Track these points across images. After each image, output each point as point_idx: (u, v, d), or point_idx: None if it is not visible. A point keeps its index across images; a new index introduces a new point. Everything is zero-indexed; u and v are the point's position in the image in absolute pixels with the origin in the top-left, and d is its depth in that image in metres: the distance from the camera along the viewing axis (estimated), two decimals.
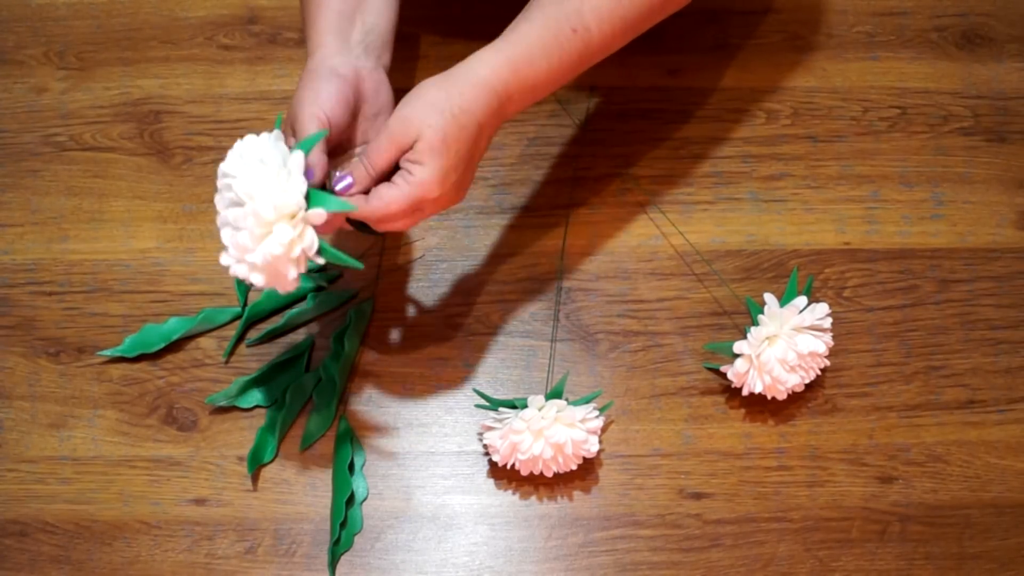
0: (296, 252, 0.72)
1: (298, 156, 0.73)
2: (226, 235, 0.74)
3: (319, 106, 0.77)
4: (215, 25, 1.04)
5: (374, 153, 0.76)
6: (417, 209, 0.77)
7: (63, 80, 1.01)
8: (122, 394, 0.90)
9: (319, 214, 0.73)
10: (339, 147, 0.80)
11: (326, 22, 0.82)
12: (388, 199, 0.76)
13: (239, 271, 0.74)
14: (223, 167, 0.73)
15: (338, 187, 0.76)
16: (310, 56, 0.81)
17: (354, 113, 0.80)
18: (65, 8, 1.05)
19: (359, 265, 0.75)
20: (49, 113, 1.00)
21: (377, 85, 0.82)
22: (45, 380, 0.91)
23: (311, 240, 0.73)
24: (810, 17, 1.05)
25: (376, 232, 0.79)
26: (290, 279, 0.74)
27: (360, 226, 0.78)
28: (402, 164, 0.76)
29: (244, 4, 1.05)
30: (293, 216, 0.72)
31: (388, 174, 0.77)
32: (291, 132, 0.79)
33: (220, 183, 0.74)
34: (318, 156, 0.75)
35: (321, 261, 0.74)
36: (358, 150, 0.82)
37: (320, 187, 0.76)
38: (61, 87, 1.01)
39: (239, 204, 0.73)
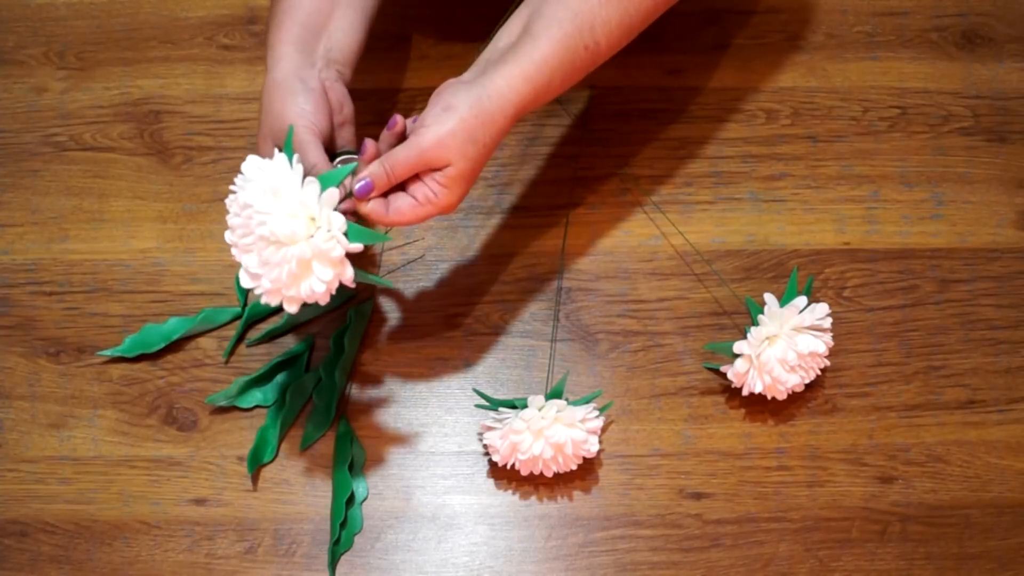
0: (335, 285, 0.75)
1: (331, 194, 0.73)
2: (250, 261, 0.75)
3: (310, 120, 0.78)
4: (215, 25, 1.04)
5: (400, 164, 0.77)
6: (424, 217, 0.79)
7: (63, 80, 1.01)
8: (122, 394, 0.90)
9: (356, 248, 0.74)
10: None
11: (290, 34, 0.82)
12: (409, 215, 0.78)
13: (272, 301, 0.76)
14: (249, 199, 0.74)
15: (357, 188, 0.77)
16: (272, 67, 0.81)
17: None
18: (65, 8, 1.05)
19: (389, 284, 0.78)
20: (49, 113, 1.00)
21: (341, 97, 0.83)
22: (45, 380, 0.91)
23: (349, 273, 0.75)
24: (810, 17, 1.05)
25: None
26: (322, 304, 0.76)
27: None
28: (426, 181, 0.77)
29: (244, 4, 1.05)
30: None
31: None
32: (269, 151, 0.79)
33: (242, 212, 0.75)
34: (325, 164, 0.77)
35: (354, 285, 0.76)
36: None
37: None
38: (61, 87, 1.01)
39: (269, 240, 0.73)
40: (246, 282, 0.76)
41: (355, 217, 0.77)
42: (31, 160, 0.98)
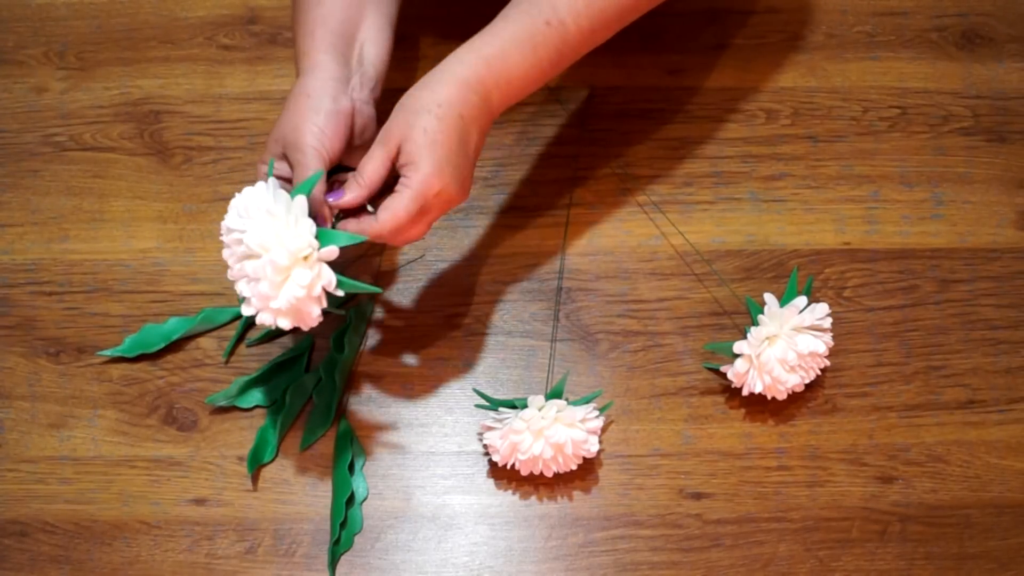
0: (317, 290, 0.75)
1: (301, 201, 0.75)
2: (243, 287, 0.76)
3: (322, 143, 0.78)
4: (215, 25, 1.04)
5: (364, 164, 0.77)
6: (424, 210, 0.77)
7: (63, 80, 1.01)
8: (122, 394, 0.90)
9: (331, 251, 0.75)
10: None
11: (324, 42, 0.81)
12: (395, 208, 0.77)
13: (266, 319, 0.76)
14: (228, 223, 0.75)
15: (331, 199, 0.78)
16: (307, 74, 0.80)
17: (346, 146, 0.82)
18: (65, 8, 1.05)
19: (378, 290, 0.79)
20: (49, 113, 1.00)
21: (366, 121, 0.82)
22: (45, 380, 0.91)
23: (329, 277, 0.75)
24: (810, 17, 1.05)
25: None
26: (314, 317, 0.76)
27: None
28: (399, 171, 0.77)
29: (244, 4, 1.05)
30: (307, 258, 0.75)
31: (381, 189, 0.78)
32: (281, 155, 0.79)
33: (227, 239, 0.76)
34: (318, 191, 0.77)
35: (340, 294, 0.76)
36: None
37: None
38: (61, 87, 1.01)
39: (252, 256, 0.75)
40: (246, 310, 0.77)
41: (347, 250, 0.78)
42: (31, 160, 0.98)
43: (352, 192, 0.77)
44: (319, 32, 0.81)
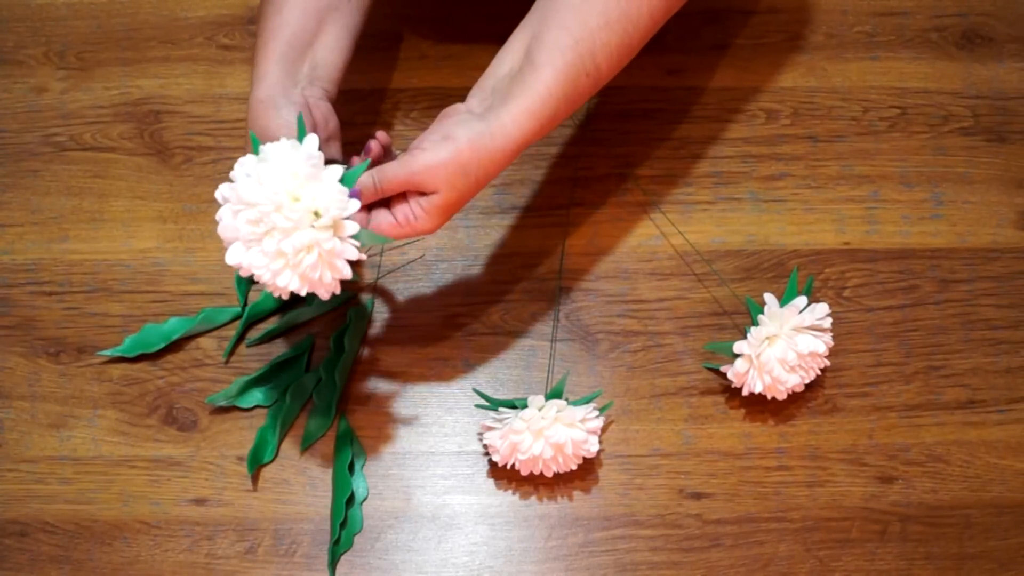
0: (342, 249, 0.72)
1: (336, 169, 0.72)
2: (264, 247, 0.72)
3: (294, 131, 0.78)
4: (215, 25, 1.04)
5: (388, 181, 0.77)
6: (410, 225, 0.78)
7: (63, 80, 1.01)
8: (122, 394, 0.90)
9: (353, 225, 0.73)
10: None
11: (275, 53, 0.81)
12: (385, 232, 0.78)
13: (284, 281, 0.73)
14: (243, 189, 0.71)
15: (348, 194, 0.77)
16: (255, 85, 0.81)
17: None
18: (65, 8, 1.05)
19: (388, 240, 0.77)
20: (49, 113, 1.00)
21: (325, 113, 0.82)
22: (45, 380, 0.91)
23: (347, 272, 0.73)
24: (810, 17, 1.05)
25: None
26: (339, 275, 0.73)
27: None
28: (411, 203, 0.78)
29: (244, 4, 1.05)
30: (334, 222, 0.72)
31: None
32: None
33: (239, 194, 0.72)
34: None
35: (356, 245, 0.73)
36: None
37: None
38: (61, 87, 1.01)
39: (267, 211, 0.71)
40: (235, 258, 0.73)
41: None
42: (31, 160, 0.98)
43: (367, 200, 0.77)
44: (272, 43, 0.82)
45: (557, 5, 0.79)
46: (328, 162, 0.81)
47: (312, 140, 0.73)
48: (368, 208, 0.78)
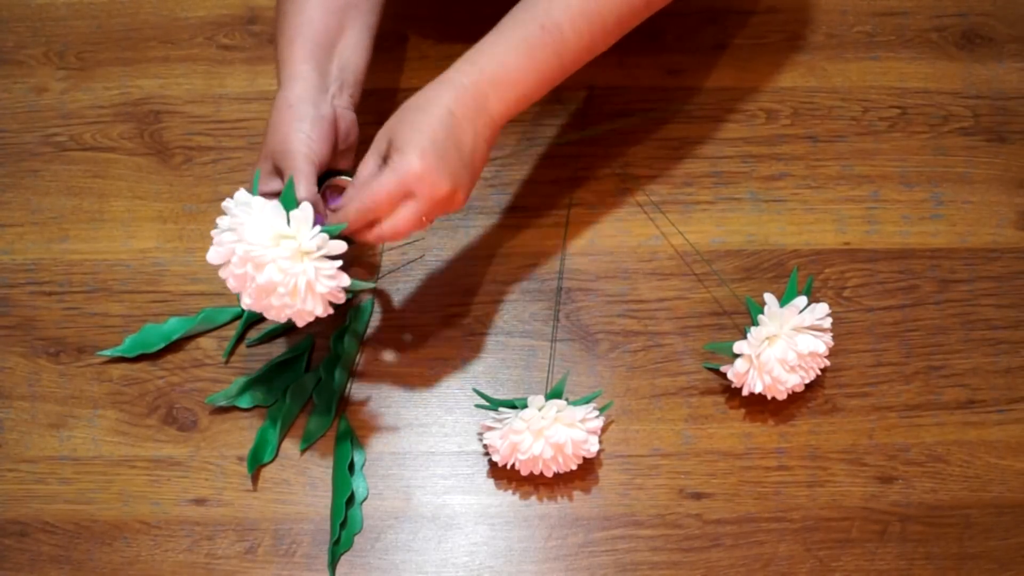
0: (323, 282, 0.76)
1: (306, 209, 0.76)
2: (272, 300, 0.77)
3: (311, 148, 0.79)
4: (215, 25, 1.04)
5: (360, 168, 0.78)
6: (407, 193, 0.77)
7: (63, 80, 1.01)
8: (122, 394, 0.90)
9: (339, 245, 0.76)
10: None
11: (304, 52, 0.82)
12: (373, 184, 0.77)
13: (293, 311, 0.77)
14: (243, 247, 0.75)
15: (332, 204, 0.79)
16: (287, 85, 0.81)
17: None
18: (65, 8, 1.05)
19: (371, 284, 0.81)
20: (49, 113, 1.00)
21: (349, 126, 0.83)
22: (45, 380, 0.91)
23: (345, 281, 0.77)
24: (810, 17, 1.05)
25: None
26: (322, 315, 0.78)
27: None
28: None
29: (244, 4, 1.05)
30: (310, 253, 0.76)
31: None
32: (271, 170, 0.80)
33: (243, 269, 0.76)
34: (311, 195, 0.78)
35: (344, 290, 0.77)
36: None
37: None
38: (61, 87, 1.01)
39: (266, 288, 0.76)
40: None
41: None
42: (31, 160, 0.98)
43: (361, 218, 0.78)
44: (299, 41, 0.82)
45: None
46: (336, 173, 0.82)
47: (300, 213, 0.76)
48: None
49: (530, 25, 0.80)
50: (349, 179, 0.81)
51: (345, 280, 0.76)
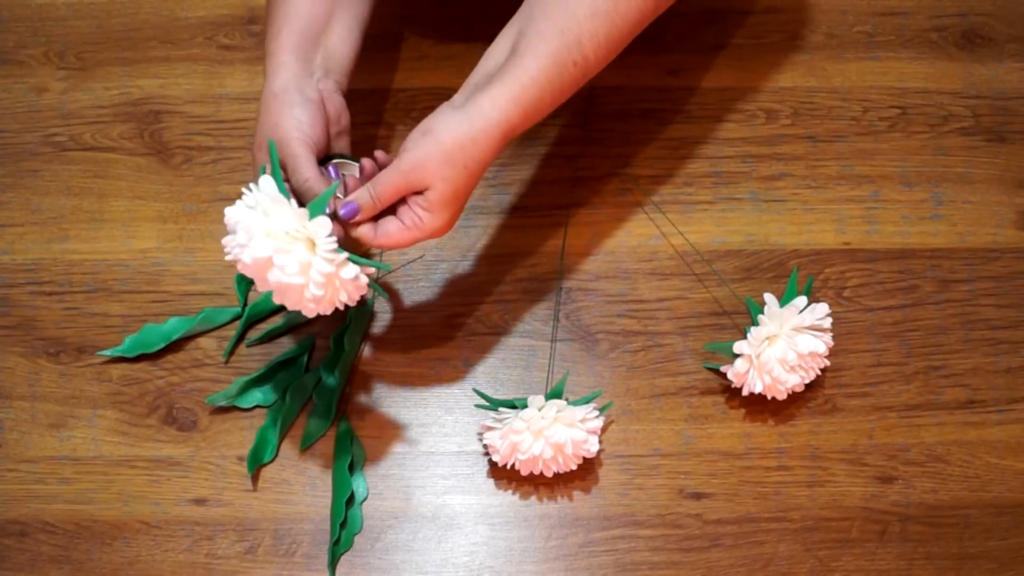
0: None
1: (323, 221, 0.75)
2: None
3: (304, 133, 0.79)
4: (215, 25, 1.04)
5: (383, 188, 0.77)
6: (415, 239, 0.79)
7: (63, 80, 1.01)
8: (122, 394, 0.90)
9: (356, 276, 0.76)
10: None
11: (289, 43, 0.82)
12: (396, 238, 0.78)
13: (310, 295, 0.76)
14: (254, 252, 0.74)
15: (343, 211, 0.77)
16: (272, 76, 0.81)
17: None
18: (65, 8, 1.05)
19: (388, 267, 0.81)
20: (49, 113, 1.00)
21: (339, 108, 0.83)
22: (45, 380, 0.91)
23: (364, 279, 0.76)
24: (810, 17, 1.05)
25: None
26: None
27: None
28: (411, 205, 0.78)
29: (244, 4, 1.05)
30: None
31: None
32: (266, 158, 0.79)
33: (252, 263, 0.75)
34: (316, 178, 0.78)
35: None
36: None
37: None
38: (61, 87, 1.01)
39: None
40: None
41: (345, 241, 0.77)
42: (31, 160, 0.98)
43: (366, 212, 0.78)
44: (284, 33, 0.82)
45: (544, 0, 0.79)
46: (335, 157, 0.82)
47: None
48: (375, 219, 0.78)
49: (566, 62, 0.79)
50: (349, 161, 0.81)
51: (363, 277, 0.76)
